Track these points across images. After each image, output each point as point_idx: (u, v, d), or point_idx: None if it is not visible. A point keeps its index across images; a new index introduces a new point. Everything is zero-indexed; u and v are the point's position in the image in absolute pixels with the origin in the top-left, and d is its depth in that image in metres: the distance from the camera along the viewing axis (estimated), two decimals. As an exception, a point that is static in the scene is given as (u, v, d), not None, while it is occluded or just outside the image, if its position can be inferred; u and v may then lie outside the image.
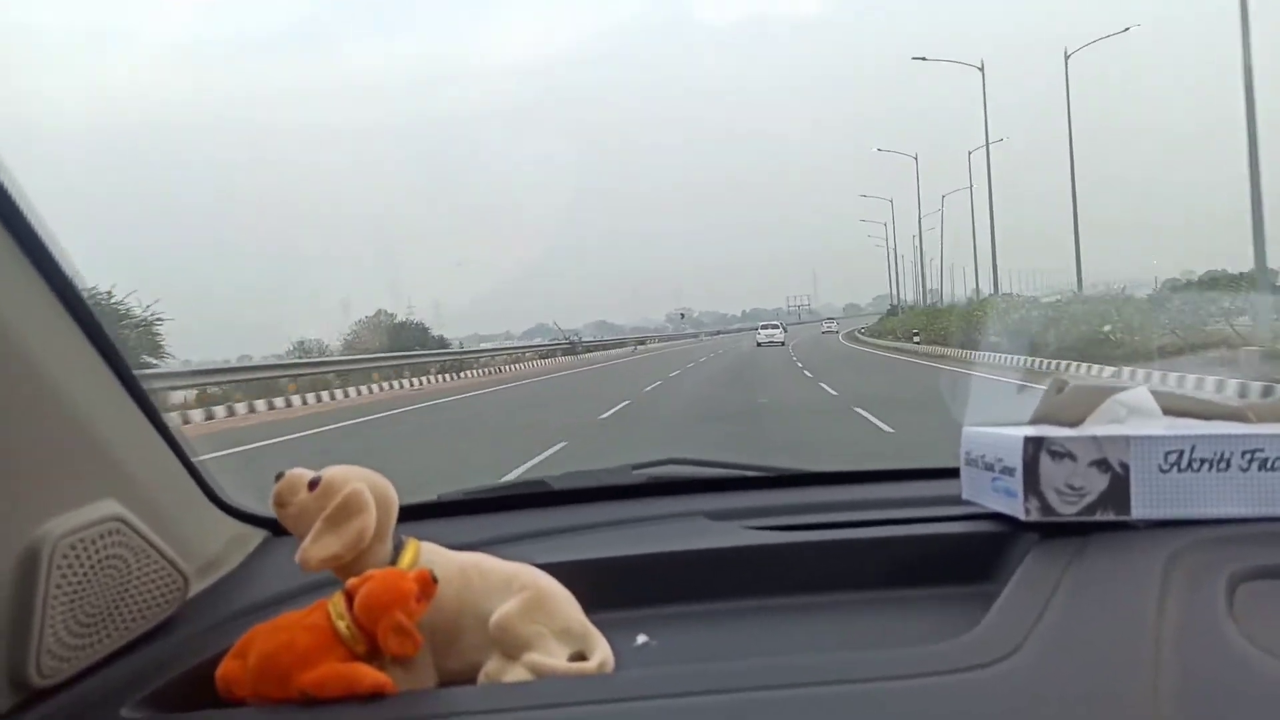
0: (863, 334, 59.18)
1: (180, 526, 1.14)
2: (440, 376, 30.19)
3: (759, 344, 47.34)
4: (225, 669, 0.97)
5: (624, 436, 11.37)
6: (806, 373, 23.00)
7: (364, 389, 24.13)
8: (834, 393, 16.46)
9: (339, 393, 22.88)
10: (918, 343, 35.13)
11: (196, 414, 17.00)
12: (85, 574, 0.94)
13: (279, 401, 20.16)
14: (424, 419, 15.92)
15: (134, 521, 1.01)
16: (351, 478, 1.06)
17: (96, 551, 0.96)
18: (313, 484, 1.06)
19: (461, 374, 31.00)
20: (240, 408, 18.55)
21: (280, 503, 1.06)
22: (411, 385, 27.02)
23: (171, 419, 1.19)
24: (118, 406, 1.07)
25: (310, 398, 21.61)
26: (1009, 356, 20.82)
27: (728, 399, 16.31)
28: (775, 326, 53.81)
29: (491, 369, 35.23)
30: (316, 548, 1.02)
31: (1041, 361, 19.02)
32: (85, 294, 0.99)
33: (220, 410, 17.87)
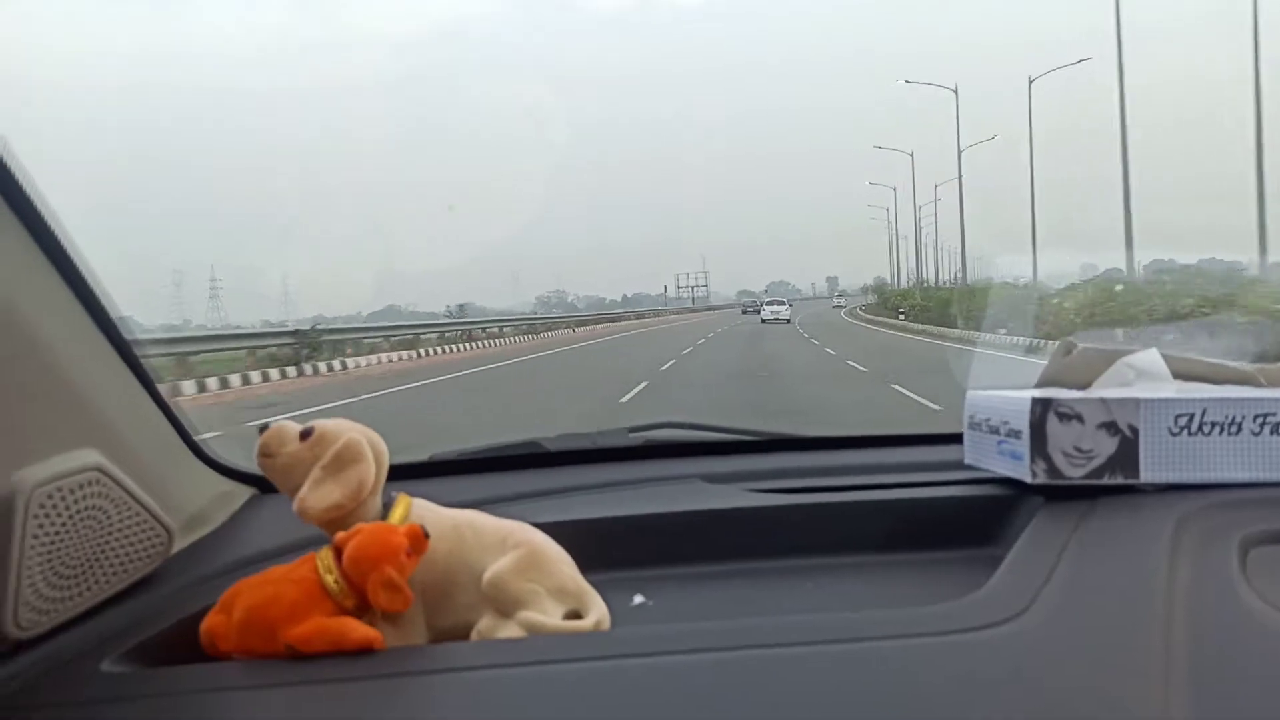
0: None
1: (164, 480, 1.11)
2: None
3: (763, 320, 49.00)
4: (210, 623, 0.94)
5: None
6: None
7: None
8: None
9: None
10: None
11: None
12: (63, 524, 0.91)
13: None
14: None
15: (115, 472, 0.98)
16: (346, 429, 1.03)
17: (75, 501, 0.93)
18: (304, 434, 1.02)
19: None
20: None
21: (267, 453, 1.03)
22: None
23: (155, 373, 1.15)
24: (99, 356, 1.03)
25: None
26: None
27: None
28: (782, 303, 56.14)
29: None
30: (316, 496, 0.99)
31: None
32: (66, 241, 0.95)
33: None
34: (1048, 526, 1.05)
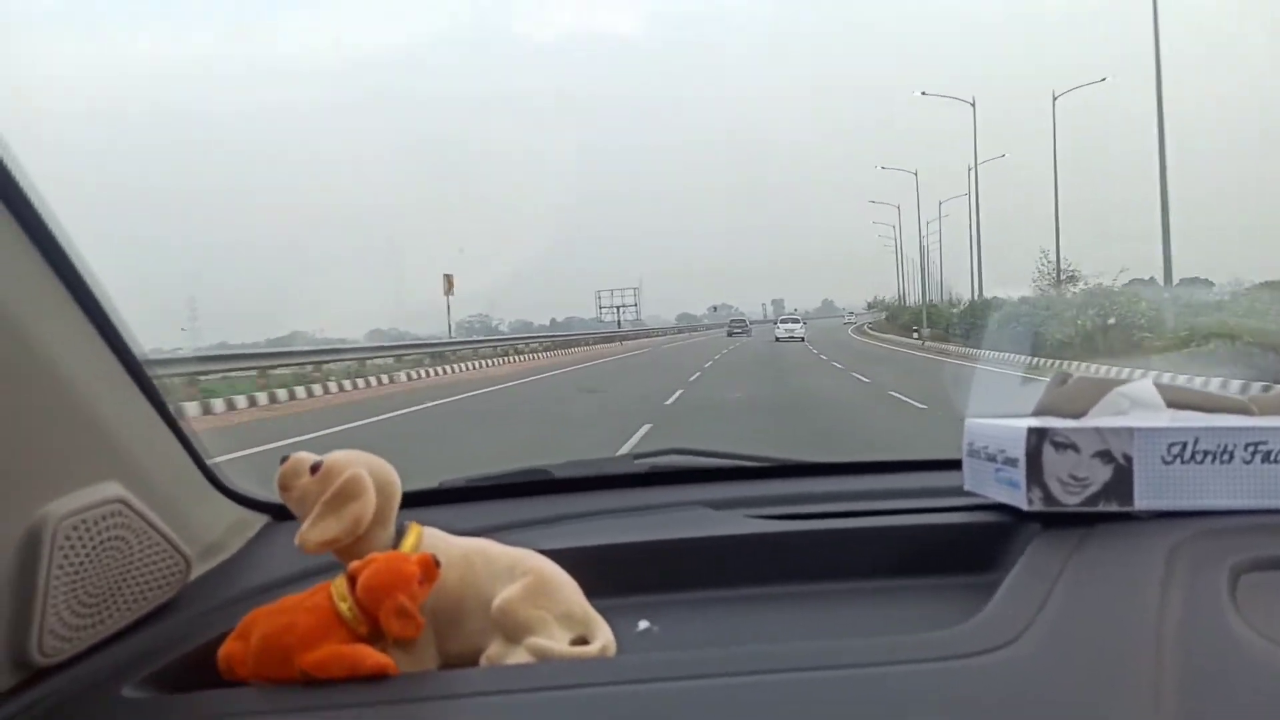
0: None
1: (182, 510, 1.14)
2: None
3: (777, 339, 49.16)
4: (227, 649, 0.97)
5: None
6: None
7: None
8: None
9: None
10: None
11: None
12: (87, 555, 0.94)
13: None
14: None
15: (136, 504, 1.01)
16: (352, 462, 1.06)
17: (99, 533, 0.96)
18: (314, 468, 1.06)
19: None
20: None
21: (284, 486, 1.07)
22: None
23: (176, 403, 1.18)
24: (120, 389, 1.07)
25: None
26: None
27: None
28: (796, 321, 55.90)
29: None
30: (315, 531, 1.02)
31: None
32: (80, 264, 0.98)
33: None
34: (1043, 553, 1.08)
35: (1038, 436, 1.17)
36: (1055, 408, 1.30)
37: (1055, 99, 35.57)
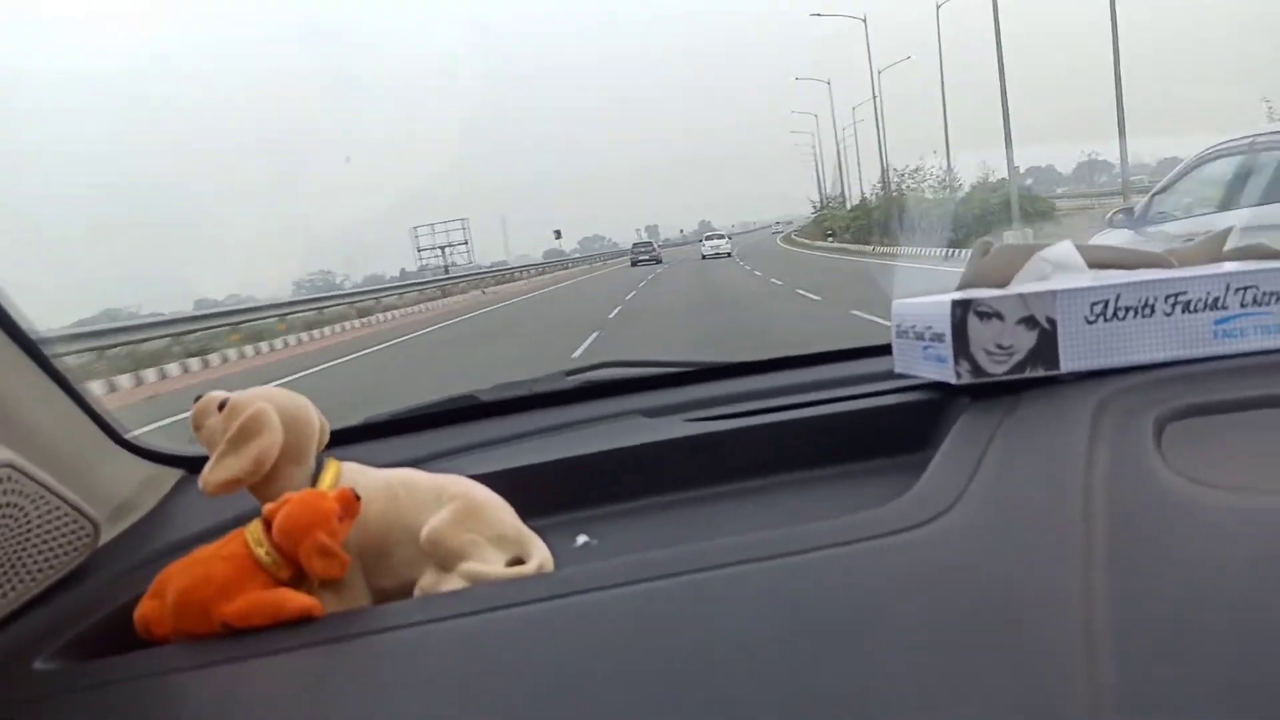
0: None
1: (84, 471, 1.08)
2: None
3: (704, 255, 49.73)
4: (143, 609, 0.92)
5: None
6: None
7: None
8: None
9: None
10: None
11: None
12: None
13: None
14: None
15: (27, 467, 0.95)
16: (258, 398, 1.01)
17: None
18: (223, 405, 1.01)
19: None
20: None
21: (196, 425, 1.03)
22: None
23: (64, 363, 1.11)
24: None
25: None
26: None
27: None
28: (722, 237, 57.09)
29: None
30: (215, 471, 0.98)
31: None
32: None
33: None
34: (973, 424, 1.07)
35: (962, 308, 1.16)
36: (979, 279, 1.28)
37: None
